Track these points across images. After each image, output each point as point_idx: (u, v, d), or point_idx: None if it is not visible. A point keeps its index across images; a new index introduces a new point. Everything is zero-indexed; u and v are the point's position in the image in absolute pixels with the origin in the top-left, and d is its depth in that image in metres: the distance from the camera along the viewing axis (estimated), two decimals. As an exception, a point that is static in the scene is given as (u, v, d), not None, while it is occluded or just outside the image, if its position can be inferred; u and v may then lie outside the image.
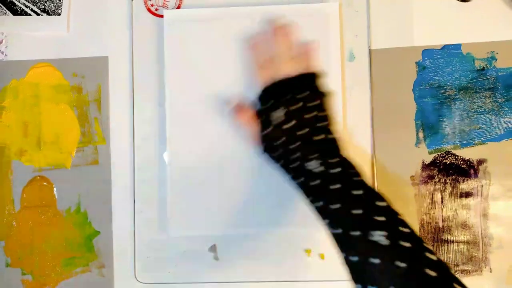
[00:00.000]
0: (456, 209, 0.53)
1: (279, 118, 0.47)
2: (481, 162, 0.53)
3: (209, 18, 0.54)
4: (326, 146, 0.45)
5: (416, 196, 0.54)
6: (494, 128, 0.53)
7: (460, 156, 0.53)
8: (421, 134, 0.54)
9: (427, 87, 0.54)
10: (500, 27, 0.54)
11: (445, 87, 0.54)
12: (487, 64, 0.53)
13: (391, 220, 0.39)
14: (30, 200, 0.57)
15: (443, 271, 0.36)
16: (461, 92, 0.54)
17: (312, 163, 0.44)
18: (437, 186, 0.54)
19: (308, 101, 0.47)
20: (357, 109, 0.54)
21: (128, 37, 0.56)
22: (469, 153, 0.53)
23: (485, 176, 0.53)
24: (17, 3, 0.57)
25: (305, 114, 0.47)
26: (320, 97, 0.48)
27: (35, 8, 0.57)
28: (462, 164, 0.53)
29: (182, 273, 0.55)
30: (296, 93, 0.47)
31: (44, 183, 0.56)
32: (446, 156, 0.54)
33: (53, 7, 0.57)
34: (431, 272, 0.35)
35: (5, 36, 0.58)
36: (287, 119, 0.46)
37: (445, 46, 0.54)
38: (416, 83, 0.54)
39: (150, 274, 0.55)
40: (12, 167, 0.57)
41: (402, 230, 0.38)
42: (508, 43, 0.53)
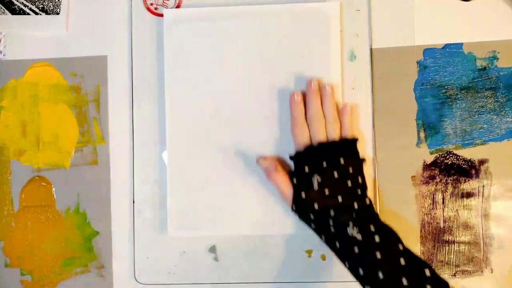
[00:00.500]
0: (457, 210, 0.53)
1: (314, 186, 0.47)
2: (483, 162, 0.53)
3: (209, 17, 0.53)
4: (362, 213, 0.46)
5: (417, 197, 0.53)
6: (496, 128, 0.53)
7: (462, 156, 0.53)
8: (422, 134, 0.53)
9: (428, 87, 0.54)
10: (502, 27, 0.53)
11: (447, 87, 0.53)
12: (489, 64, 0.53)
13: None
14: (29, 201, 0.56)
15: None
16: (463, 92, 0.53)
17: (349, 230, 0.44)
18: (438, 186, 0.53)
19: (344, 169, 0.47)
20: (358, 109, 0.54)
21: (128, 37, 0.56)
22: (471, 153, 0.53)
23: (487, 176, 0.53)
24: (16, 2, 0.57)
25: (340, 183, 0.47)
26: (356, 164, 0.48)
27: (34, 8, 0.56)
28: (464, 164, 0.53)
29: (182, 274, 0.54)
30: (333, 160, 0.47)
31: (43, 183, 0.56)
32: (447, 156, 0.53)
33: (52, 6, 0.57)
34: None
35: (4, 36, 0.57)
36: (321, 187, 0.46)
37: (447, 46, 0.54)
38: (417, 83, 0.54)
39: (150, 275, 0.55)
40: (11, 167, 0.56)
41: None
42: (510, 43, 0.53)
